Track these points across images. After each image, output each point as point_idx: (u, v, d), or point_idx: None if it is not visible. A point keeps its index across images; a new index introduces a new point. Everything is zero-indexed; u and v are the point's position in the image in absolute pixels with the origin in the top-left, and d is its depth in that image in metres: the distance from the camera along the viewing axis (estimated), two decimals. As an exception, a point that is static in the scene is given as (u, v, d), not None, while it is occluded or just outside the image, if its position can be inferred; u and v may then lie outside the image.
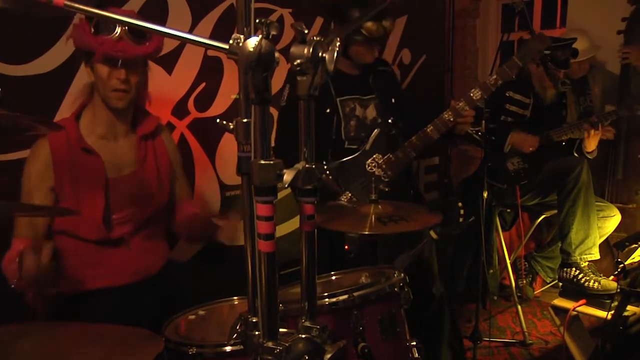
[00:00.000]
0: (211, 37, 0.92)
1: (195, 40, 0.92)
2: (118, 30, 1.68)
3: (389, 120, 2.43)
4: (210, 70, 2.83)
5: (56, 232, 1.81)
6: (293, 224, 3.12)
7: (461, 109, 2.35)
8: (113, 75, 1.75)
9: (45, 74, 2.23)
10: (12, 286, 1.59)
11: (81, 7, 0.87)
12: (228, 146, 2.91)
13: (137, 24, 0.93)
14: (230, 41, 0.86)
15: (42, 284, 1.54)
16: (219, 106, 2.89)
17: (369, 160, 2.41)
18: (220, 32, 2.77)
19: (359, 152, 2.42)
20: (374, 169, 2.41)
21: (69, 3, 0.86)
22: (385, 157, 2.43)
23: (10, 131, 1.51)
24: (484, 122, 2.59)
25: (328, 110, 2.40)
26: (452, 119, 2.36)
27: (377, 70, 2.53)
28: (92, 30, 1.68)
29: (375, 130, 2.42)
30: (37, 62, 2.21)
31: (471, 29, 4.48)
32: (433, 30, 4.24)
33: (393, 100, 2.52)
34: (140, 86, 1.86)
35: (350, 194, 2.34)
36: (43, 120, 1.50)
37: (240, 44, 0.84)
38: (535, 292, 3.58)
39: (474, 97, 2.37)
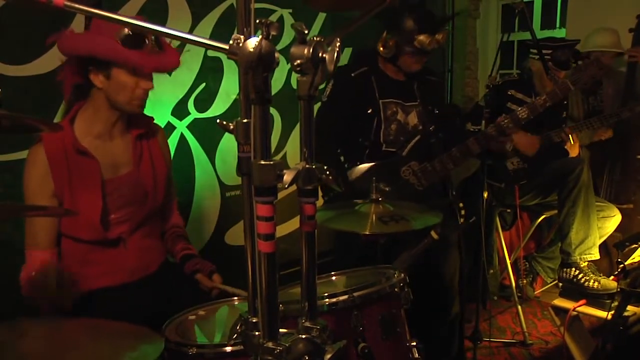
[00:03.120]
0: (211, 38, 0.91)
1: (195, 41, 0.92)
2: (147, 43, 1.68)
3: (431, 128, 2.41)
4: (210, 70, 2.83)
5: None
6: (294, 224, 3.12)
7: (505, 126, 2.35)
8: (140, 85, 1.75)
9: (45, 75, 2.23)
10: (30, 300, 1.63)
11: (81, 7, 0.87)
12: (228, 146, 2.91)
13: (137, 25, 0.93)
14: (231, 41, 0.86)
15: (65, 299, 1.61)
16: (219, 106, 2.89)
17: (405, 166, 2.39)
18: (220, 32, 2.78)
19: (395, 157, 2.39)
20: (409, 176, 2.38)
21: (69, 3, 0.86)
22: (422, 165, 2.40)
23: (11, 132, 1.51)
24: (484, 121, 2.59)
25: (370, 111, 2.37)
26: (494, 134, 2.35)
27: (424, 78, 2.52)
28: (120, 43, 1.66)
29: (416, 137, 2.41)
30: (37, 62, 2.21)
31: (471, 29, 4.48)
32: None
33: (436, 110, 2.49)
34: None
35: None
36: (43, 120, 1.49)
37: (241, 44, 0.84)
38: (536, 292, 3.57)
39: (521, 116, 2.41)
